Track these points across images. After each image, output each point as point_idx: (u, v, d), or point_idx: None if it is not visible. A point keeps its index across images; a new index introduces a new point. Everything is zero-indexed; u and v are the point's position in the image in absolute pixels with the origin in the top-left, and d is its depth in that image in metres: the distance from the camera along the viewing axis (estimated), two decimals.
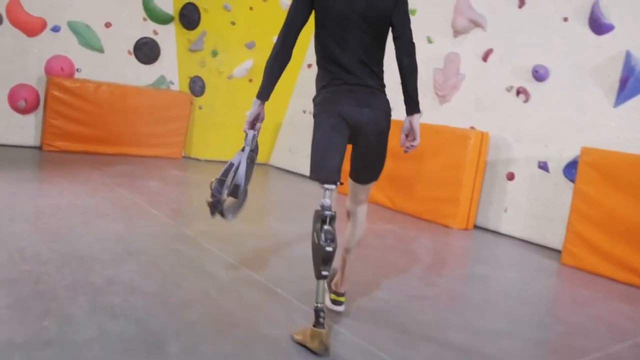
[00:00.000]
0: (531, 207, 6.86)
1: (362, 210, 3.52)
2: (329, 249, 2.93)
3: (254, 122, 3.29)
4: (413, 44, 3.26)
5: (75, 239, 4.37)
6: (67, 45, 9.38)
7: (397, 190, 7.71)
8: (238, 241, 4.96)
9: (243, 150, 3.27)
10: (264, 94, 3.21)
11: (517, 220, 6.99)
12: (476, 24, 7.61)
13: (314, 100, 3.26)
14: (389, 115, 3.29)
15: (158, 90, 10.07)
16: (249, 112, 3.24)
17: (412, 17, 8.03)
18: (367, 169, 3.36)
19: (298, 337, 3.04)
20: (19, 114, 9.06)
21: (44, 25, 9.16)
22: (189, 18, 10.08)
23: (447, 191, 7.12)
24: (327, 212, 2.98)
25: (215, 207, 3.26)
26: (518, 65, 7.11)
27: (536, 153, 6.87)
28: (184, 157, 10.28)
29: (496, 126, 7.28)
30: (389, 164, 7.64)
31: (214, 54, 9.98)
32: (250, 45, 9.97)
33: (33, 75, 9.12)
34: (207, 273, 4.01)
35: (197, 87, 10.23)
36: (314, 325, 2.97)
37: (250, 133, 3.28)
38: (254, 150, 3.31)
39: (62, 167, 7.70)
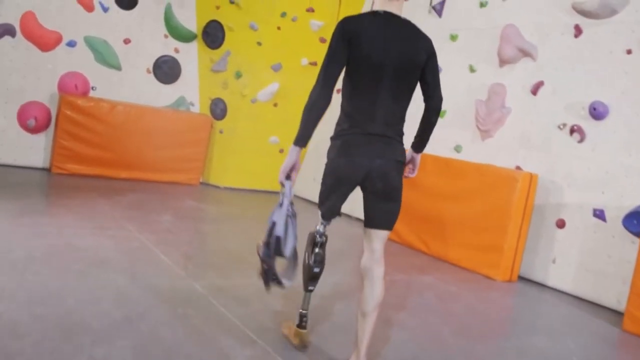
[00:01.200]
0: (584, 259, 6.13)
1: (379, 269, 3.28)
2: (317, 269, 3.44)
3: (291, 171, 3.18)
4: (442, 100, 3.36)
5: (66, 299, 3.71)
6: (82, 62, 8.92)
7: (432, 234, 7.01)
8: (258, 302, 4.26)
9: (281, 205, 3.19)
10: (303, 140, 3.12)
11: (566, 273, 6.27)
12: (525, 53, 6.92)
13: (331, 139, 3.26)
14: (401, 163, 3.27)
15: (177, 111, 9.56)
16: (286, 161, 3.15)
17: (453, 43, 7.48)
18: (377, 212, 3.27)
19: (284, 332, 3.69)
20: (29, 133, 8.58)
21: (59, 39, 8.72)
22: (213, 36, 9.58)
23: (490, 238, 6.42)
24: (319, 239, 3.42)
25: (268, 275, 3.23)
26: (573, 101, 6.41)
27: (591, 200, 6.15)
28: (201, 183, 9.68)
29: (545, 167, 6.58)
30: (423, 204, 7.10)
31: (238, 75, 9.43)
32: (276, 68, 9.39)
33: (45, 93, 8.67)
34: (219, 352, 3.32)
35: (218, 109, 9.68)
36: (297, 326, 3.58)
37: (288, 184, 3.17)
38: (292, 204, 3.25)
39: (68, 195, 7.12)
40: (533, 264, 6.56)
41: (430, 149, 7.90)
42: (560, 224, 6.36)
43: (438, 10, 8.11)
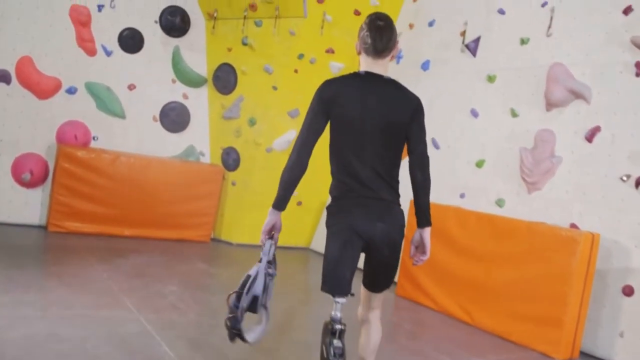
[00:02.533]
0: None
1: (376, 315, 3.40)
2: None
3: (271, 231, 3.20)
4: (427, 157, 3.26)
5: None
6: (83, 110, 8.36)
7: (476, 301, 6.13)
8: None
9: (260, 261, 3.15)
10: (281, 205, 3.16)
11: (638, 349, 5.36)
12: (577, 95, 6.13)
13: (327, 209, 3.25)
14: (403, 227, 3.25)
15: (186, 162, 8.89)
16: (265, 222, 3.17)
17: (491, 85, 6.72)
18: (380, 279, 3.31)
19: None
20: (24, 187, 7.96)
21: (58, 86, 8.18)
22: (224, 81, 8.97)
23: (546, 309, 5.53)
24: (338, 326, 3.07)
25: (234, 326, 3.01)
26: (637, 149, 5.59)
27: None
28: (212, 239, 8.89)
29: (606, 225, 5.72)
30: (464, 268, 6.25)
31: (252, 122, 8.79)
32: (293, 114, 8.72)
33: (42, 144, 8.09)
34: None
35: (230, 160, 9.02)
36: None
37: (268, 243, 3.18)
38: (272, 263, 3.19)
39: (62, 260, 6.35)
40: (596, 338, 5.66)
41: (468, 203, 7.18)
42: (628, 292, 5.48)
43: (472, 48, 7.36)
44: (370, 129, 3.08)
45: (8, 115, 7.81)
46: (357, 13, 8.47)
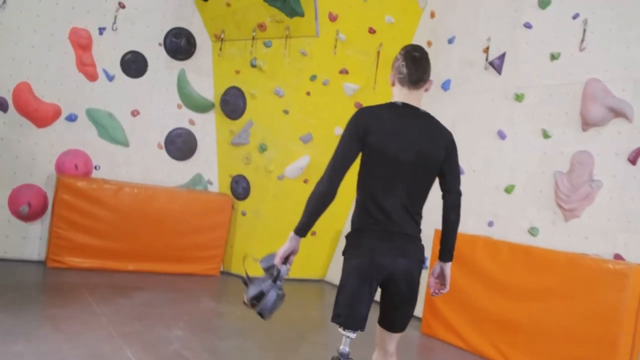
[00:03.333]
0: None
1: None
2: None
3: (290, 256, 3.14)
4: (461, 196, 3.26)
5: None
6: (84, 138, 8.00)
7: (511, 342, 5.60)
8: None
9: (274, 282, 3.13)
10: (304, 231, 3.10)
11: None
12: (617, 113, 5.63)
13: (347, 238, 3.20)
14: (422, 263, 3.21)
15: (193, 192, 8.49)
16: (283, 247, 3.11)
17: (519, 104, 6.22)
18: (398, 316, 3.24)
19: None
20: (22, 221, 7.55)
21: (57, 113, 7.80)
22: (233, 105, 8.58)
23: (593, 351, 4.99)
24: None
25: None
26: None
27: None
28: (222, 272, 8.44)
29: None
30: (497, 304, 5.71)
31: (262, 148, 8.38)
32: (306, 139, 8.29)
33: (41, 174, 7.70)
34: None
35: (240, 188, 8.61)
36: None
37: (284, 269, 3.12)
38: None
39: (59, 301, 5.89)
40: None
41: (497, 232, 6.66)
42: None
43: (497, 65, 6.89)
44: (403, 162, 3.06)
45: (5, 144, 7.43)
46: (371, 31, 8.06)
